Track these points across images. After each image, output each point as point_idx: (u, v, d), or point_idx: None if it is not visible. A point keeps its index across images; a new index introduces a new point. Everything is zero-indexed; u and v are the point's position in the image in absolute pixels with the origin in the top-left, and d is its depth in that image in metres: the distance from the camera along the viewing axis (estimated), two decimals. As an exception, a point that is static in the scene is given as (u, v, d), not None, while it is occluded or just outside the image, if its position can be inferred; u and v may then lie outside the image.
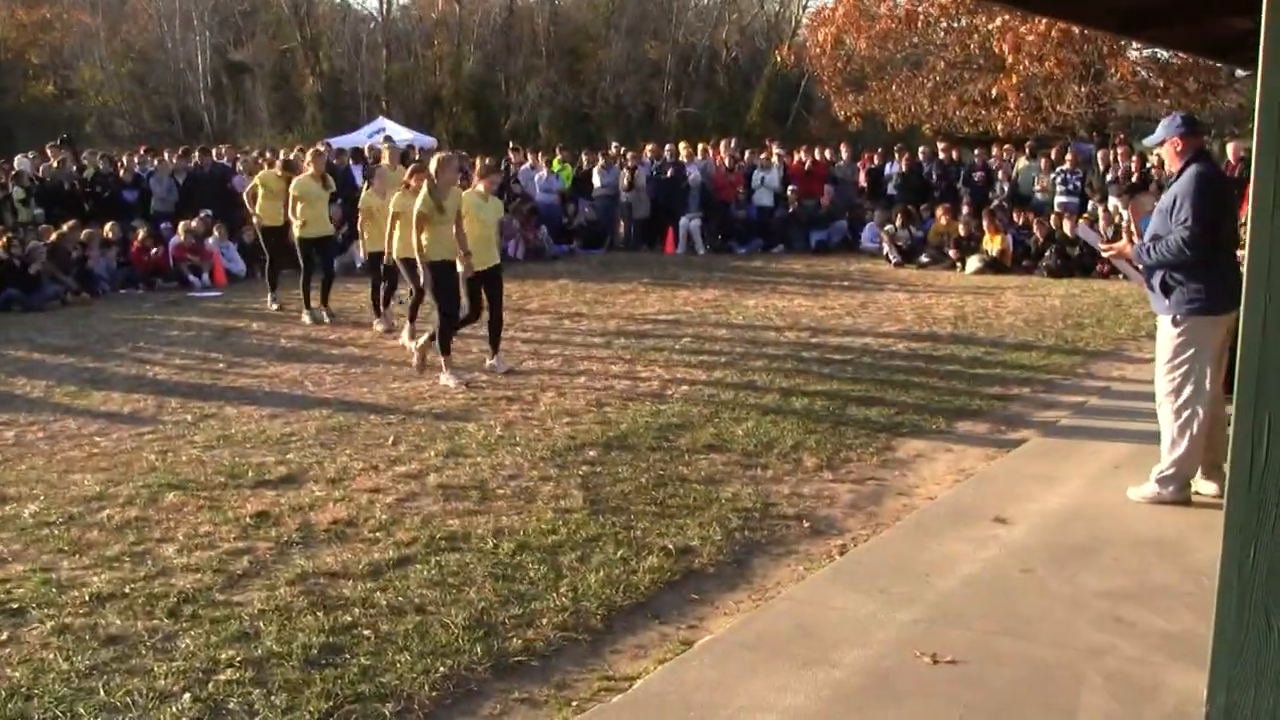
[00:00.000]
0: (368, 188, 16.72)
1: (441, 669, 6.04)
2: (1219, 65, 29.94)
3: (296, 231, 17.62)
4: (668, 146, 30.91)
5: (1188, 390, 8.31)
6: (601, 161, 28.80)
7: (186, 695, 5.77)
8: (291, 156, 23.48)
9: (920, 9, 36.97)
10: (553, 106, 63.16)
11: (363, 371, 13.75)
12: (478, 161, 15.89)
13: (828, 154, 30.09)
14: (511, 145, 32.44)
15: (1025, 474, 9.34)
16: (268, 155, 29.31)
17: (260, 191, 18.64)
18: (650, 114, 64.68)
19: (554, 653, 6.34)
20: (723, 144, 30.56)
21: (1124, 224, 9.82)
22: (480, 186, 13.72)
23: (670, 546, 7.80)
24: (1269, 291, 2.49)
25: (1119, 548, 7.66)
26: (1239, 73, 32.47)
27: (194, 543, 7.96)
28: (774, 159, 29.21)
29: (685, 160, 29.29)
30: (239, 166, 26.87)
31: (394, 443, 10.41)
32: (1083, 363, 14.07)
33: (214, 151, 29.30)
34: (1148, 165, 25.30)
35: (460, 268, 12.90)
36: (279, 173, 19.05)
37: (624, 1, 67.54)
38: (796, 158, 29.74)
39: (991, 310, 18.32)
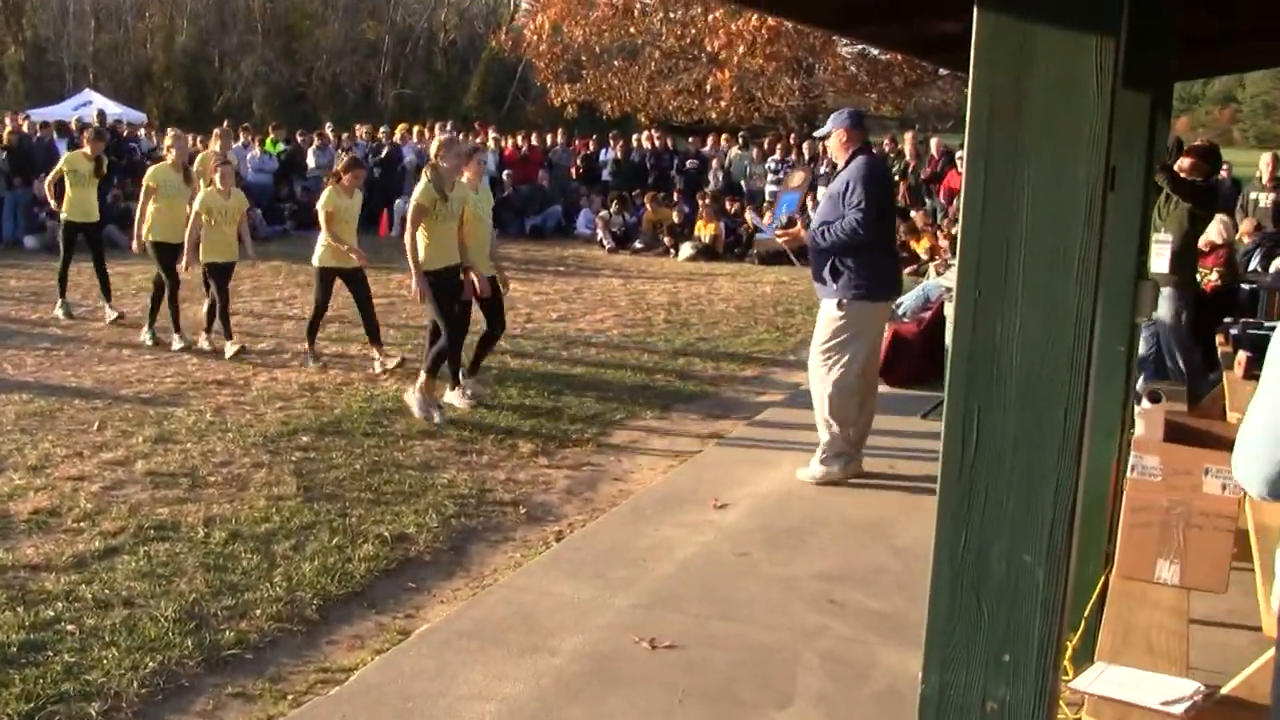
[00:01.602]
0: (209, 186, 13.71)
1: (151, 664, 5.85)
2: (925, 64, 30.84)
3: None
4: (383, 128, 30.63)
5: (837, 371, 8.69)
6: (316, 142, 28.36)
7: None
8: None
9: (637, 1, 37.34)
10: (267, 84, 61.98)
11: (66, 354, 13.21)
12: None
13: (545, 139, 30.18)
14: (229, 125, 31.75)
15: (739, 459, 9.51)
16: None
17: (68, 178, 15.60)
18: (367, 95, 64.03)
19: (268, 645, 6.22)
20: (438, 126, 30.39)
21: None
22: (467, 175, 11.25)
23: (386, 534, 7.73)
24: (979, 287, 2.56)
25: (831, 530, 7.86)
26: (942, 71, 33.54)
27: (-118, 534, 7.56)
28: (490, 143, 29.17)
29: (401, 142, 29.07)
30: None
31: (99, 428, 10.03)
32: (794, 348, 14.36)
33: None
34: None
35: (477, 285, 11.11)
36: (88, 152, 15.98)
37: (342, -20, 66.72)
38: (512, 142, 29.76)
39: (704, 297, 18.60)
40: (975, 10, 2.55)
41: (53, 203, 16.06)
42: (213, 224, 13.28)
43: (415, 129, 30.58)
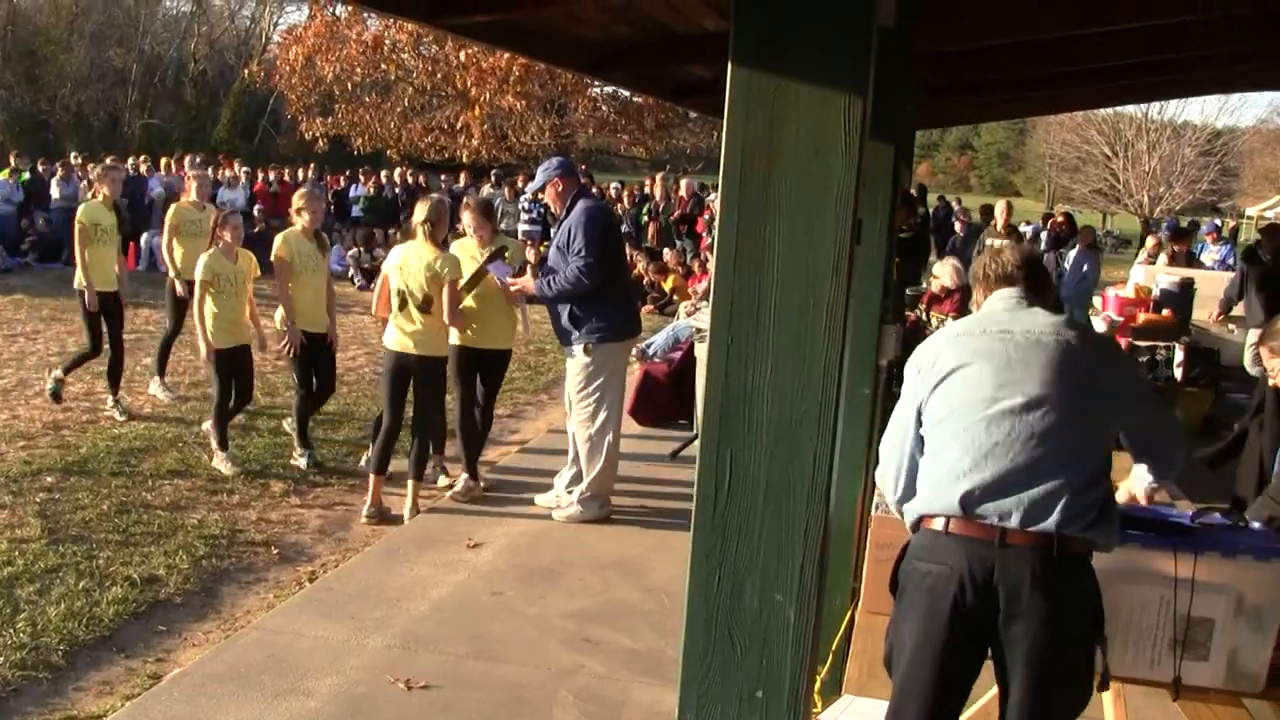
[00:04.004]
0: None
1: (-115, 714, 5.67)
2: (676, 107, 31.27)
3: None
4: (130, 160, 29.97)
5: (601, 415, 8.89)
6: (60, 172, 27.57)
7: None
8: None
9: (388, 35, 37.15)
10: (8, 110, 60.06)
11: None
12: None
13: (297, 174, 29.86)
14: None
15: (492, 498, 9.53)
16: None
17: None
18: (114, 124, 62.44)
19: (12, 693, 6.08)
20: (187, 159, 29.80)
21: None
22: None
23: (135, 576, 7.58)
24: (731, 334, 2.64)
25: (583, 569, 7.93)
26: (693, 115, 34.05)
27: None
28: (240, 177, 28.75)
29: (147, 175, 28.47)
30: None
31: None
32: (546, 386, 14.45)
33: None
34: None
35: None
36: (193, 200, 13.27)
37: (88, 5, 65.00)
38: (263, 177, 29.39)
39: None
40: (730, 65, 2.64)
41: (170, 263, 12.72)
42: None
43: (164, 161, 29.96)
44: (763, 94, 2.63)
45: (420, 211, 9.17)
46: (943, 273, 11.72)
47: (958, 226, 26.19)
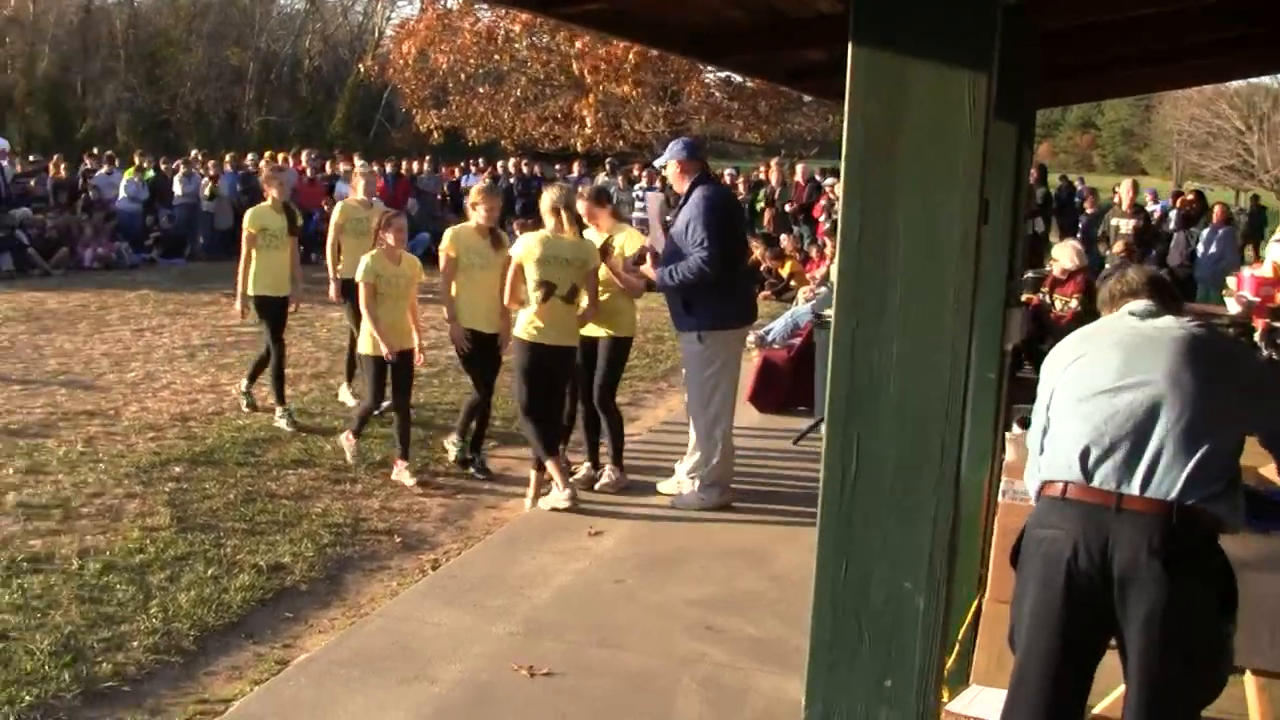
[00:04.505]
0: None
1: (28, 698, 5.79)
2: (790, 91, 31.07)
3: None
4: (249, 156, 30.35)
5: (716, 401, 8.79)
6: (182, 169, 27.98)
7: None
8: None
9: (501, 26, 37.26)
10: (131, 111, 60.99)
11: (-74, 385, 12.95)
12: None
13: (411, 166, 30.07)
14: (95, 152, 31.27)
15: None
16: None
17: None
18: (232, 121, 63.25)
19: (146, 676, 6.16)
20: (304, 154, 30.10)
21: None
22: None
23: (262, 564, 7.67)
24: (857, 317, 2.61)
25: (705, 557, 7.89)
26: (807, 99, 33.83)
27: None
28: (356, 171, 29.02)
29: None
30: None
31: (-34, 461, 9.84)
32: (664, 375, 14.43)
33: None
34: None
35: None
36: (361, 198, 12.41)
37: (206, 6, 65.91)
38: (379, 169, 29.63)
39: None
40: (850, 46, 2.60)
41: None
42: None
43: (281, 156, 30.29)
44: (884, 75, 2.59)
45: (549, 198, 8.97)
46: (1062, 255, 11.52)
47: (1087, 206, 25.70)
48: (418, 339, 10.13)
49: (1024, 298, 9.69)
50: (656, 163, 10.04)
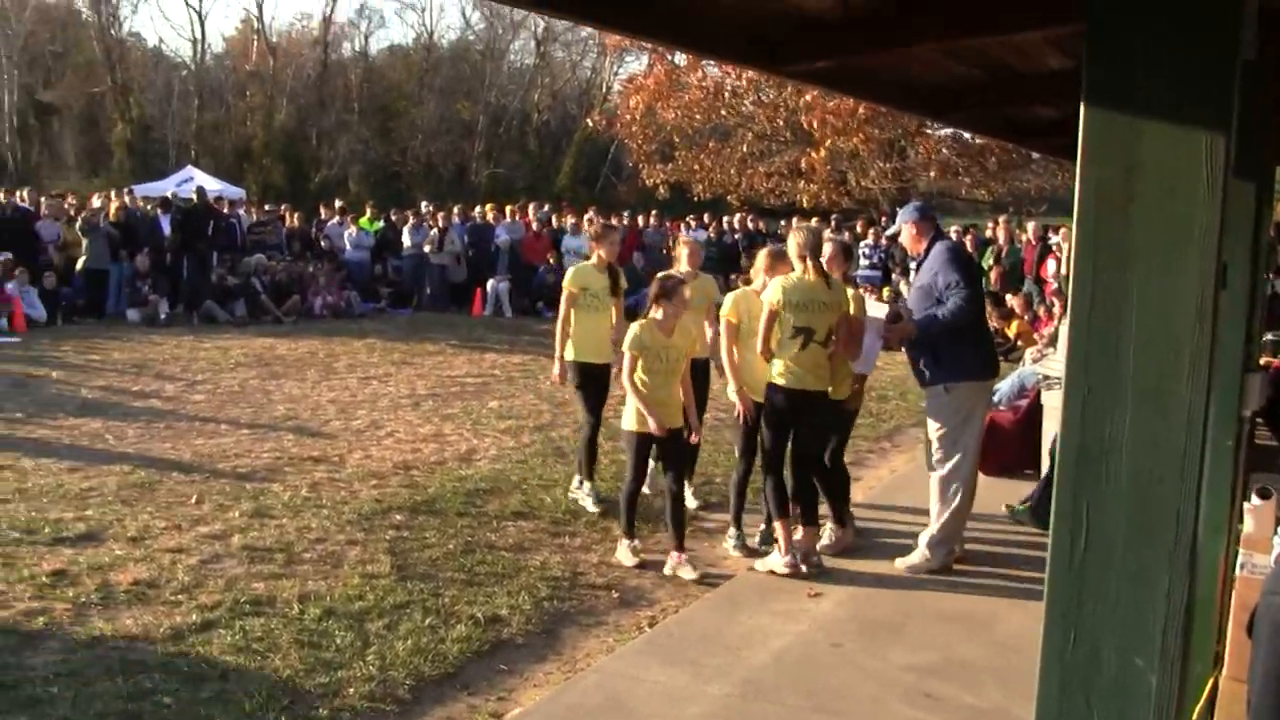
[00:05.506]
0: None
1: (246, 741, 5.88)
2: (1018, 148, 30.69)
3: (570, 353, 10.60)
4: (477, 208, 30.92)
5: (956, 457, 8.64)
6: (411, 220, 28.61)
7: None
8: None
9: (728, 81, 37.45)
10: (363, 163, 62.83)
11: (165, 426, 13.36)
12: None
13: (638, 220, 30.35)
14: (328, 202, 32.26)
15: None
16: (72, 200, 28.15)
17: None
18: (460, 174, 64.72)
19: (360, 722, 6.22)
20: (531, 207, 30.54)
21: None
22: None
23: (479, 615, 7.72)
24: (1088, 384, 2.53)
25: (925, 621, 7.77)
26: (1035, 155, 33.36)
27: (-15, 603, 7.64)
28: (583, 224, 29.40)
29: (493, 222, 29.30)
30: (44, 210, 25.74)
31: (197, 501, 10.14)
32: (888, 434, 14.29)
33: (18, 194, 28.08)
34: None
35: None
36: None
37: (438, 61, 67.61)
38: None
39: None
40: (1082, 106, 2.54)
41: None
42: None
43: (508, 208, 30.79)
44: (1118, 133, 2.52)
45: (796, 242, 8.70)
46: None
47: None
48: (692, 418, 9.25)
49: (1263, 361, 9.39)
50: (888, 231, 9.96)
